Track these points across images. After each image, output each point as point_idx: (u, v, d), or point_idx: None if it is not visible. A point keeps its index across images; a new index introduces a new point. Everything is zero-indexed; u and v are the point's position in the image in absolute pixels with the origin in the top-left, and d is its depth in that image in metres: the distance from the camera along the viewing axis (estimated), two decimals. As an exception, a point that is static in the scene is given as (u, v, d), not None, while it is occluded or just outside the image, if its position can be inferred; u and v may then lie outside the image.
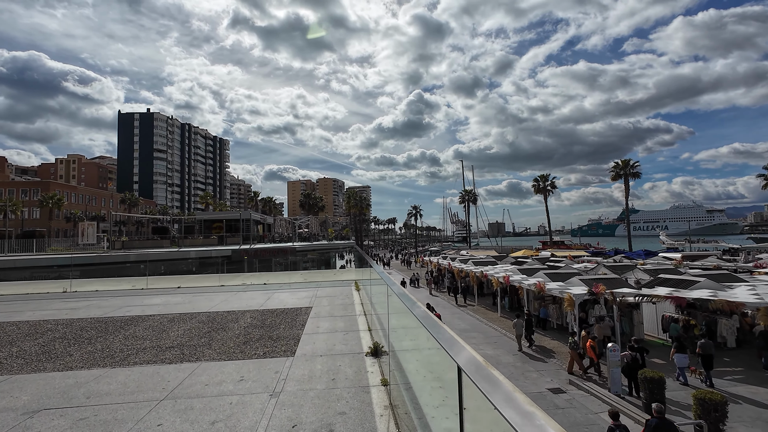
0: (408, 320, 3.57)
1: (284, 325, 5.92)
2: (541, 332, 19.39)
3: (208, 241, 37.27)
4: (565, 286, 18.19)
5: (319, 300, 7.89)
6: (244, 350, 4.70)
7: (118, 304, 7.92)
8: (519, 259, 35.30)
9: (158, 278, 11.92)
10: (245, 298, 8.33)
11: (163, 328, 5.83)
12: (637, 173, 49.96)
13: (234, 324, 6.01)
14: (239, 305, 7.41)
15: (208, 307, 7.29)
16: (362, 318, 6.38)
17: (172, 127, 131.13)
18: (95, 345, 4.97)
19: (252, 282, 10.78)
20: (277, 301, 7.91)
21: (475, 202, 71.17)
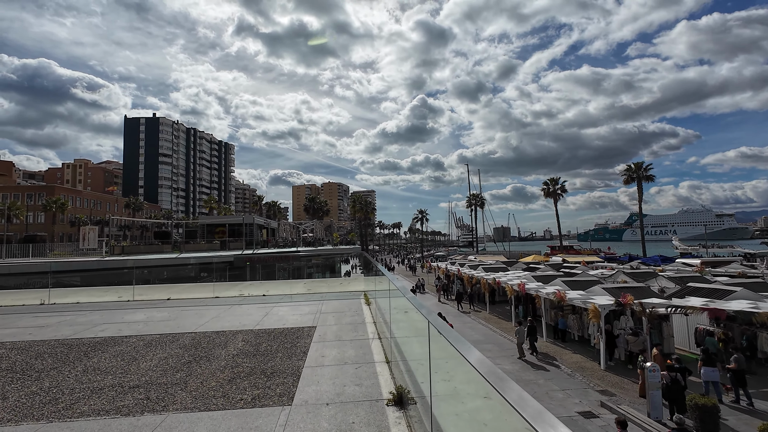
0: (453, 366, 2.51)
1: (282, 352, 4.85)
2: (561, 345, 18.11)
3: (210, 246, 36.35)
4: (587, 296, 16.93)
5: (324, 317, 6.80)
6: (228, 393, 3.62)
7: (95, 321, 6.89)
8: (531, 265, 33.98)
9: (148, 288, 10.90)
10: (240, 313, 7.27)
11: (135, 355, 4.78)
12: (650, 176, 48.46)
13: (221, 350, 4.95)
14: (231, 323, 6.35)
15: (195, 326, 6.25)
16: (376, 343, 5.29)
17: (177, 132, 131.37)
18: (42, 382, 3.94)
19: (250, 293, 9.73)
20: (275, 318, 6.84)
21: (483, 207, 69.91)
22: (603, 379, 13.68)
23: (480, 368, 1.77)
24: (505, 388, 1.47)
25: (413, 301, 3.68)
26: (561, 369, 14.82)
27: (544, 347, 17.93)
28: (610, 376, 13.88)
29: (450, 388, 3.29)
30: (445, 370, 3.38)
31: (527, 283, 21.14)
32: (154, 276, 27.42)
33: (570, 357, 16.18)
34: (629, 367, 14.44)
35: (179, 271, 28.31)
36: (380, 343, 5.29)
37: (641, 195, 49.26)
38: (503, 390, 1.45)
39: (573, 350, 17.26)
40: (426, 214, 76.86)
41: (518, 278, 24.96)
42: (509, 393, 1.40)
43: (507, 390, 1.44)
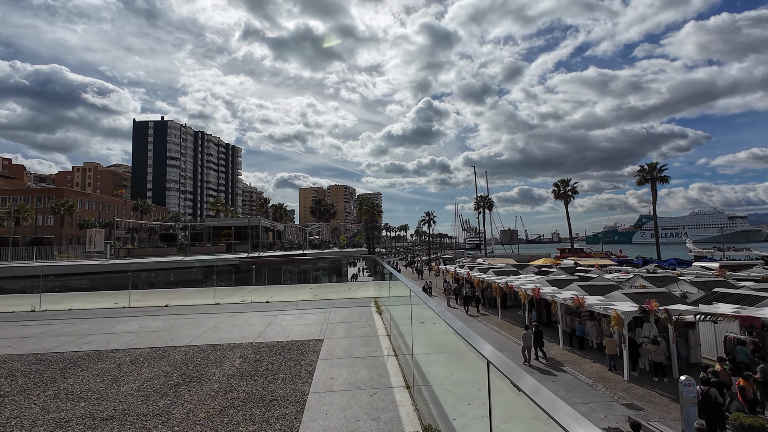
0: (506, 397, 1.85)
1: (284, 372, 4.20)
2: (579, 352, 17.26)
3: (215, 248, 35.97)
4: (607, 302, 16.09)
5: (332, 328, 6.14)
6: (219, 428, 2.98)
7: (83, 331, 6.32)
8: (543, 269, 33.06)
9: (146, 293, 10.34)
10: (240, 323, 6.64)
11: (117, 375, 4.17)
12: (665, 177, 47.22)
13: (216, 369, 4.32)
14: (230, 335, 5.74)
15: (190, 338, 5.64)
16: (392, 362, 4.61)
17: (185, 135, 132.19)
18: (2, 411, 3.33)
19: (253, 299, 9.12)
20: (279, 328, 6.19)
21: (491, 209, 68.95)
22: (628, 392, 12.85)
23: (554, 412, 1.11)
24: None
25: (442, 314, 3.03)
26: (581, 379, 14.00)
27: (561, 355, 17.10)
28: (635, 388, 13.03)
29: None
30: (479, 400, 2.69)
31: (542, 288, 20.32)
32: (160, 279, 27.04)
33: (590, 366, 15.35)
34: (655, 379, 13.59)
35: (185, 274, 27.92)
36: (397, 361, 4.62)
37: (655, 196, 48.02)
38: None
39: (592, 358, 16.41)
40: (433, 217, 76.04)
41: (531, 282, 24.11)
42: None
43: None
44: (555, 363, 16.20)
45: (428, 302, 4.11)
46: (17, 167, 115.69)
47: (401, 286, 5.61)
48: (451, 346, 4.00)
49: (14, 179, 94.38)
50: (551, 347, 18.38)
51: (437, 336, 5.05)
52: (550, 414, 1.13)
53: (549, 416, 1.12)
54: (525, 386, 1.34)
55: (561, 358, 16.49)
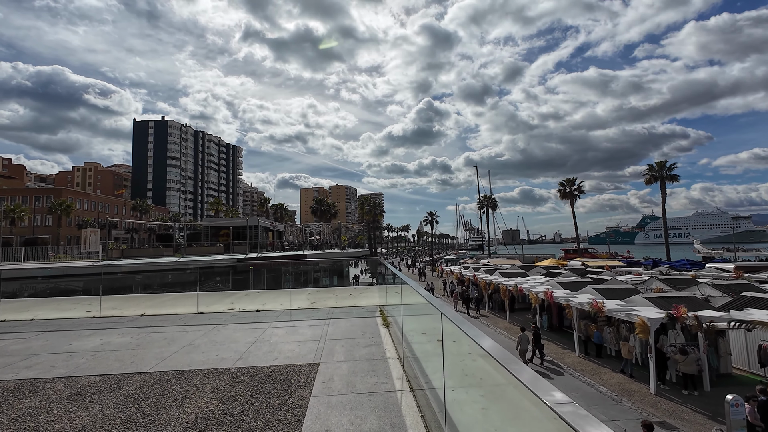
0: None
1: (265, 416, 3.10)
2: (596, 361, 16.11)
3: (213, 249, 34.94)
4: (628, 307, 14.94)
5: (330, 346, 5.07)
6: None
7: (31, 350, 5.23)
8: (551, 270, 31.87)
9: (125, 299, 9.25)
10: (222, 339, 5.57)
11: (40, 421, 3.10)
12: (674, 176, 45.96)
13: (174, 413, 3.22)
14: (206, 357, 4.63)
15: (156, 361, 4.54)
16: (408, 400, 3.50)
17: (185, 135, 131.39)
18: None
19: (241, 307, 8.05)
20: (266, 346, 5.12)
21: (495, 209, 67.77)
22: (656, 407, 11.71)
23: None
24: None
25: (476, 336, 1.96)
26: (602, 392, 12.86)
27: (578, 363, 15.96)
28: (663, 403, 11.90)
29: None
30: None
31: (554, 291, 19.18)
32: (155, 281, 26.01)
33: (610, 377, 14.21)
34: (684, 392, 12.45)
35: (180, 275, 26.88)
36: (414, 399, 3.52)
37: (664, 196, 46.79)
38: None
39: (611, 367, 15.27)
40: (436, 217, 74.91)
41: (542, 284, 22.98)
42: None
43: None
44: (560, 370, 15.08)
45: (447, 313, 3.05)
46: (17, 167, 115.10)
47: (411, 293, 4.54)
48: (486, 378, 2.94)
49: (13, 179, 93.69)
50: (566, 355, 17.26)
51: (465, 361, 3.97)
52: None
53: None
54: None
55: (578, 367, 15.35)
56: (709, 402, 11.83)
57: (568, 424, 1.05)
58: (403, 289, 6.31)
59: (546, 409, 1.17)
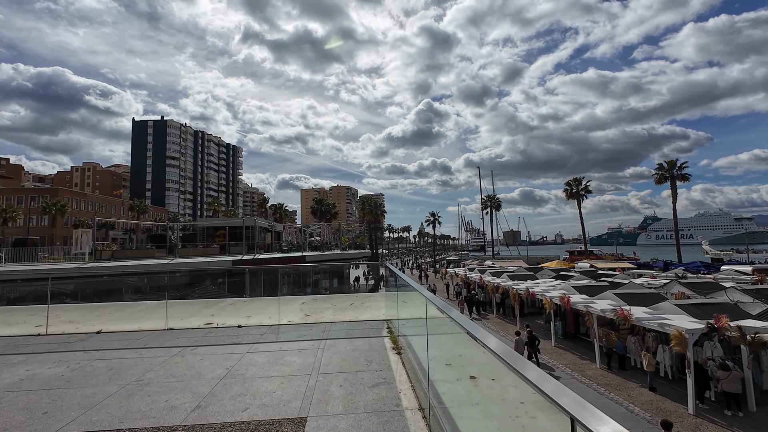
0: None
1: None
2: (621, 374, 14.71)
3: (208, 250, 33.58)
4: (657, 315, 13.55)
5: (324, 385, 3.71)
6: None
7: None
8: (561, 273, 30.46)
9: (84, 309, 7.87)
10: (182, 371, 4.20)
11: None
12: (685, 176, 44.53)
13: None
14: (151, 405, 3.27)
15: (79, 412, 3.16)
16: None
17: (185, 135, 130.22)
18: None
19: (221, 321, 6.70)
20: (238, 385, 3.76)
21: (499, 209, 66.38)
22: (698, 430, 10.33)
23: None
24: None
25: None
26: (634, 412, 11.47)
27: (600, 377, 14.57)
28: (706, 426, 10.51)
29: None
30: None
31: (571, 297, 17.80)
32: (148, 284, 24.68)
33: (639, 393, 12.82)
34: (727, 412, 11.05)
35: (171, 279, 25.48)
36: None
37: (675, 196, 45.34)
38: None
39: (638, 381, 13.88)
40: (438, 217, 73.51)
41: (554, 288, 21.60)
42: None
43: None
44: (582, 384, 13.71)
45: (476, 333, 2.05)
46: (15, 167, 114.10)
47: (424, 304, 3.21)
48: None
49: (11, 179, 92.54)
50: (585, 366, 15.87)
51: (519, 417, 2.76)
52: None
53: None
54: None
55: (601, 381, 13.96)
56: (758, 425, 10.45)
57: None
58: (411, 297, 4.96)
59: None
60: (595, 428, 1.00)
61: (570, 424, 1.11)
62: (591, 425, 1.02)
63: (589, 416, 1.07)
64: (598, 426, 1.01)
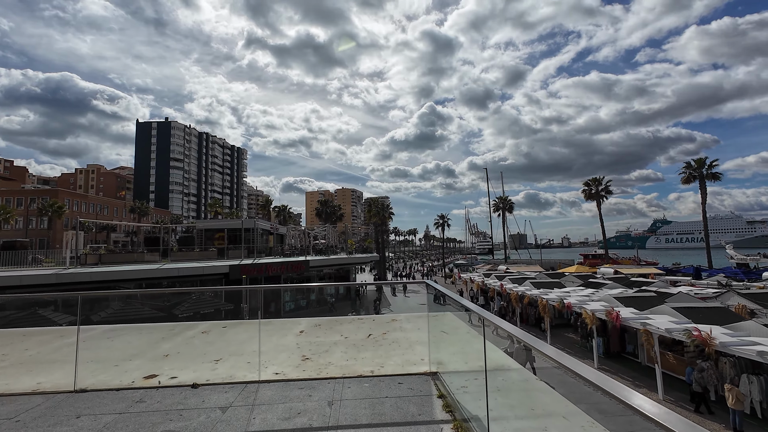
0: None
1: None
2: (689, 406, 12.00)
3: (205, 254, 31.29)
4: (746, 339, 10.86)
5: None
6: None
7: None
8: (589, 280, 27.68)
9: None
10: None
11: None
12: (716, 174, 41.61)
13: None
14: None
15: None
16: None
17: (189, 136, 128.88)
18: None
19: (168, 374, 4.25)
20: None
21: (511, 211, 63.62)
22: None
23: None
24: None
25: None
26: None
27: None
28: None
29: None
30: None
31: (620, 311, 15.11)
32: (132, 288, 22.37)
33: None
34: None
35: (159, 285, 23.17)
36: None
37: (705, 196, 42.36)
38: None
39: (716, 419, 11.19)
40: (447, 220, 70.88)
41: (592, 300, 18.92)
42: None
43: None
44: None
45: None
46: (19, 169, 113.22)
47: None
48: None
49: (13, 181, 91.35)
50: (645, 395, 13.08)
51: None
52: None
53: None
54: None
55: (673, 420, 11.17)
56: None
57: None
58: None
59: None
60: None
61: None
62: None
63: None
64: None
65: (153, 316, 16.32)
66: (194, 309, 19.63)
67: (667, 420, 1.00)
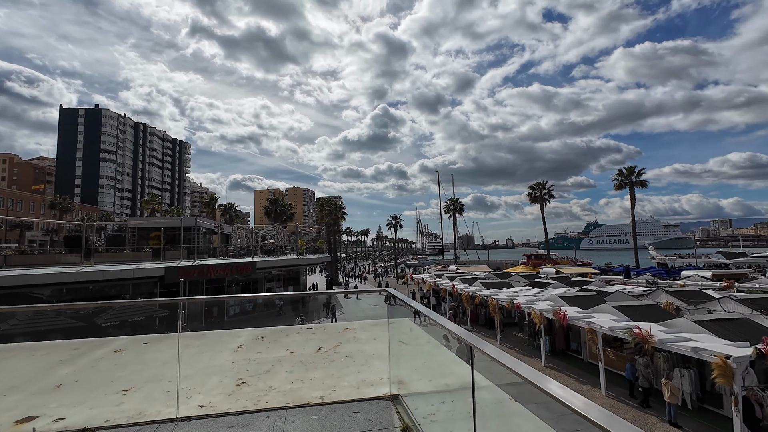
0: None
1: None
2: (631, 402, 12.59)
3: (138, 255, 28.42)
4: (681, 336, 11.51)
5: None
6: None
7: None
8: (535, 280, 28.84)
9: None
10: None
11: None
12: (643, 182, 45.51)
13: None
14: None
15: None
16: None
17: (124, 126, 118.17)
18: None
19: (53, 413, 3.28)
20: None
21: (462, 212, 65.30)
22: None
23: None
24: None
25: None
26: None
27: (608, 406, 12.33)
28: (765, 480, 8.37)
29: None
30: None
31: (567, 311, 15.61)
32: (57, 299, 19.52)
33: (666, 430, 10.63)
34: (780, 457, 9.07)
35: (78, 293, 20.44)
36: None
37: (634, 201, 46.12)
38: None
39: (655, 413, 11.78)
40: (400, 221, 71.23)
41: (539, 299, 19.52)
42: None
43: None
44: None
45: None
46: None
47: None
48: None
49: None
50: (587, 393, 13.61)
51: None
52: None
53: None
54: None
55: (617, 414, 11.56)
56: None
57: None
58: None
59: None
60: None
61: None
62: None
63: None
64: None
65: (68, 327, 14.16)
66: (121, 317, 17.51)
67: (585, 410, 1.08)
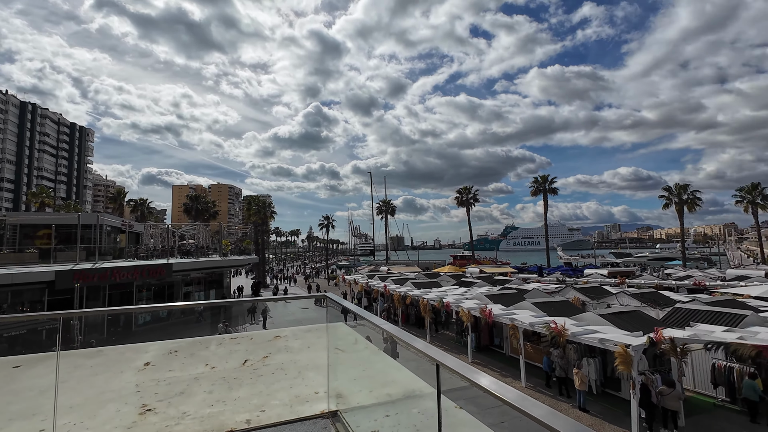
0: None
1: None
2: (547, 391, 13.65)
3: (20, 256, 24.09)
4: (589, 329, 12.71)
5: None
6: None
7: None
8: (462, 279, 30.29)
9: None
10: None
11: None
12: (554, 189, 50.30)
13: None
14: None
15: None
16: None
17: (6, 105, 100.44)
18: None
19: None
20: None
21: (393, 214, 66.47)
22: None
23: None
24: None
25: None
26: None
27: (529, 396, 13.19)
28: (655, 453, 9.52)
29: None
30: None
31: (492, 308, 16.48)
32: None
33: (576, 416, 11.62)
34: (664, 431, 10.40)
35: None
36: None
37: (546, 206, 50.67)
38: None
39: (566, 400, 12.89)
40: (332, 221, 70.33)
41: (466, 298, 20.41)
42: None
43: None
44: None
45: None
46: None
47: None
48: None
49: None
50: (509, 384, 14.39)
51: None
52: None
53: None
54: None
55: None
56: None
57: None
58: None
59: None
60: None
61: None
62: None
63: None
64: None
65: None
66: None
67: (511, 398, 1.17)
